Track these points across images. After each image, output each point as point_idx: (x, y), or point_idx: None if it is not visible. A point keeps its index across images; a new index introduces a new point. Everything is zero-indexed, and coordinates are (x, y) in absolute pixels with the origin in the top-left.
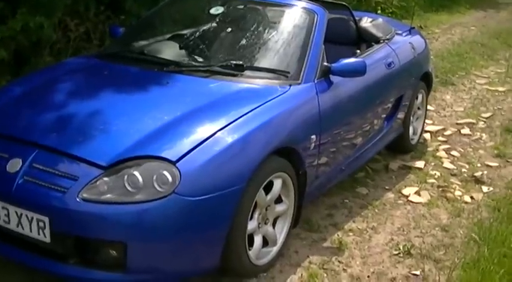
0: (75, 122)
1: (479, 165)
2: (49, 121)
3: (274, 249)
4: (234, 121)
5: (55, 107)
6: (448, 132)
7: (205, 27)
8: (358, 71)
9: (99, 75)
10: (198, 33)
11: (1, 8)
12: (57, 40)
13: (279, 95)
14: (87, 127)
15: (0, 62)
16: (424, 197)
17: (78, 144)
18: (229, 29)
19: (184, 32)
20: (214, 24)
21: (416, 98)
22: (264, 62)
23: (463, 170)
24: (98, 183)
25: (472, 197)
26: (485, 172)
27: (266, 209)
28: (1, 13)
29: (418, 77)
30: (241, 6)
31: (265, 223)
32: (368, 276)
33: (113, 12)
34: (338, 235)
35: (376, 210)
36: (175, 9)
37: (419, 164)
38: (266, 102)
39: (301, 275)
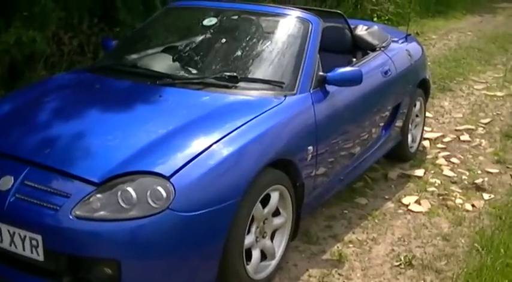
0: (66, 138)
1: (479, 172)
2: (40, 137)
3: (273, 263)
4: (228, 134)
5: (46, 122)
6: (447, 139)
7: (198, 39)
8: (354, 80)
9: (90, 90)
10: (191, 45)
11: None
12: (51, 54)
13: (274, 106)
14: (79, 143)
15: None
16: (425, 206)
17: (70, 160)
18: (222, 40)
19: (177, 44)
20: (207, 36)
21: (414, 106)
22: (258, 73)
23: (464, 177)
24: (91, 200)
25: (473, 205)
26: (486, 179)
27: (264, 223)
28: None
29: (415, 84)
30: (235, 17)
31: (263, 237)
32: None
33: (107, 24)
34: (337, 247)
35: (376, 221)
36: (168, 21)
37: (419, 172)
38: (261, 113)
39: None
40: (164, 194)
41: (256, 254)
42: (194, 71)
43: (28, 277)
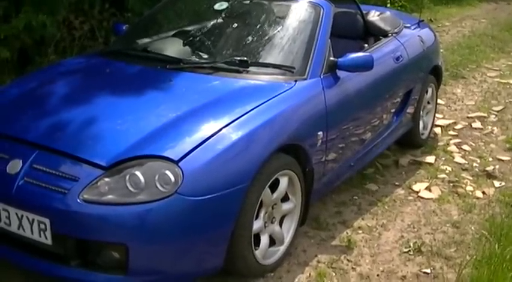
0: (75, 121)
1: (490, 159)
2: (49, 121)
3: (282, 249)
4: (238, 118)
5: (56, 106)
6: (459, 126)
7: (209, 24)
8: (366, 65)
9: (101, 74)
10: (202, 30)
11: (5, 6)
12: (61, 38)
13: (285, 91)
14: (88, 127)
15: (4, 61)
16: (435, 193)
17: (79, 144)
18: (233, 25)
19: (188, 28)
20: (218, 20)
21: (426, 92)
22: (269, 57)
23: (475, 164)
24: (99, 183)
25: (483, 192)
26: (497, 166)
27: (272, 208)
28: (5, 12)
29: (427, 71)
30: (246, 1)
31: (272, 222)
32: (377, 275)
33: (118, 9)
34: (347, 233)
35: (386, 207)
36: (179, 6)
37: (430, 159)
38: (271, 98)
39: (309, 274)
40: (172, 178)
41: (264, 239)
42: (205, 56)
43: (36, 261)
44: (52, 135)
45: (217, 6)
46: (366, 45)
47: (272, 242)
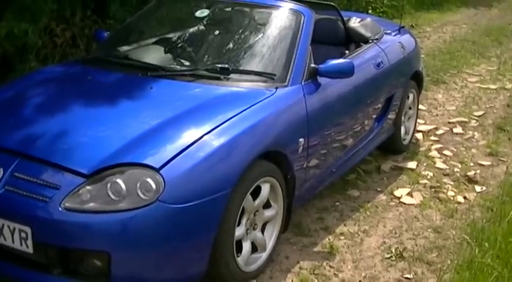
0: (56, 129)
1: (472, 164)
2: (30, 129)
3: (264, 255)
4: (219, 125)
5: (36, 114)
6: (440, 132)
7: (190, 31)
8: (346, 72)
9: (82, 81)
10: (183, 37)
11: None
12: (43, 46)
13: (265, 98)
14: (69, 134)
15: None
16: (417, 198)
17: (60, 152)
18: (214, 32)
19: (169, 35)
20: (199, 28)
21: (407, 98)
22: (250, 64)
23: (456, 169)
24: (80, 191)
25: (465, 197)
26: (478, 171)
27: (254, 215)
28: None
29: (408, 77)
30: (227, 9)
31: (254, 229)
32: (360, 281)
33: (100, 16)
34: (329, 239)
35: (368, 213)
36: (160, 13)
37: (412, 164)
38: (252, 105)
39: (292, 281)
40: (154, 185)
41: (246, 246)
42: (186, 63)
43: (18, 269)
44: (33, 143)
45: (198, 14)
46: (347, 51)
47: (254, 248)
